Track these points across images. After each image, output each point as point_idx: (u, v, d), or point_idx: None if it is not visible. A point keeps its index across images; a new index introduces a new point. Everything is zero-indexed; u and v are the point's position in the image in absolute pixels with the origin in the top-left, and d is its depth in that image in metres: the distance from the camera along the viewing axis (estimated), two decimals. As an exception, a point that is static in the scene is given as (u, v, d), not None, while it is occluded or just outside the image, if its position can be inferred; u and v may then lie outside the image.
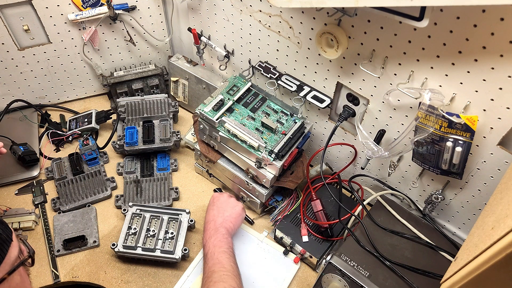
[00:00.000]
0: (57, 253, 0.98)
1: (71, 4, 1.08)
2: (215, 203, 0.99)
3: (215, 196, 1.01)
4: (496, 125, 0.72)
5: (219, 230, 0.92)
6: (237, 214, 0.97)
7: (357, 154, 1.02)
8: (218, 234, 0.91)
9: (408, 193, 0.99)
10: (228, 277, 0.81)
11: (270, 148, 0.93)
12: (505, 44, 0.63)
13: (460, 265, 0.55)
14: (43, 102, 1.27)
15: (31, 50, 1.14)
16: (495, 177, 0.80)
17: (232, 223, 0.95)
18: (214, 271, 0.83)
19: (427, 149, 0.82)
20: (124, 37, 1.20)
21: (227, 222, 0.94)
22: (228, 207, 0.98)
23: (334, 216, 0.99)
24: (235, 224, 0.96)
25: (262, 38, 1.00)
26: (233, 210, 0.97)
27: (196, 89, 1.23)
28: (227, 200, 0.99)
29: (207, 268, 0.85)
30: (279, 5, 0.77)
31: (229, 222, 0.95)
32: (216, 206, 0.98)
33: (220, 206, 0.98)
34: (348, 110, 0.95)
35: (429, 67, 0.74)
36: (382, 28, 0.76)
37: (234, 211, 0.97)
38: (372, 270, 0.82)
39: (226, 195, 1.01)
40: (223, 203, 0.98)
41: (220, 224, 0.93)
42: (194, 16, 1.13)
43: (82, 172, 1.11)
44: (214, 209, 0.97)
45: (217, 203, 0.98)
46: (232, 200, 1.00)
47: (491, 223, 0.53)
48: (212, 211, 0.97)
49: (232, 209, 0.97)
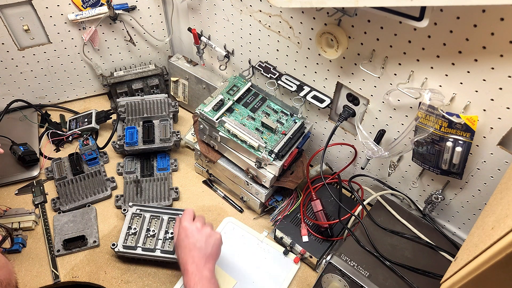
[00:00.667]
0: (57, 253, 0.98)
1: (71, 4, 1.08)
2: (189, 237, 0.84)
3: (186, 227, 0.86)
4: (496, 125, 0.72)
5: (204, 273, 0.80)
6: (218, 247, 0.87)
7: (357, 154, 1.02)
8: (204, 279, 0.80)
9: (408, 193, 0.99)
10: None
11: (270, 148, 0.93)
12: (505, 44, 0.63)
13: (460, 265, 0.55)
14: (43, 102, 1.27)
15: (31, 50, 1.14)
16: (495, 177, 0.80)
17: (215, 259, 0.85)
18: None
19: (427, 149, 0.82)
20: (124, 37, 1.20)
21: (210, 261, 0.83)
22: (208, 242, 0.85)
23: (334, 216, 0.99)
24: (216, 259, 0.86)
25: (262, 38, 1.00)
26: (214, 244, 0.85)
27: (196, 89, 1.23)
28: (203, 232, 0.85)
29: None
30: (279, 5, 0.77)
31: (211, 259, 0.84)
32: (192, 243, 0.84)
33: (198, 243, 0.84)
34: (348, 110, 0.95)
35: (429, 67, 0.74)
36: (382, 28, 0.76)
37: (215, 245, 0.86)
38: (372, 270, 0.82)
39: (200, 225, 0.87)
40: (201, 238, 0.84)
41: (203, 265, 0.81)
42: (194, 16, 1.13)
43: (82, 172, 1.11)
44: (191, 248, 0.83)
45: (193, 239, 0.84)
46: (208, 231, 0.86)
47: (491, 223, 0.53)
48: (189, 251, 0.83)
49: (212, 244, 0.85)
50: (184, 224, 0.86)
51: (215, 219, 1.07)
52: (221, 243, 0.89)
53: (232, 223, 1.06)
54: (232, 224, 1.06)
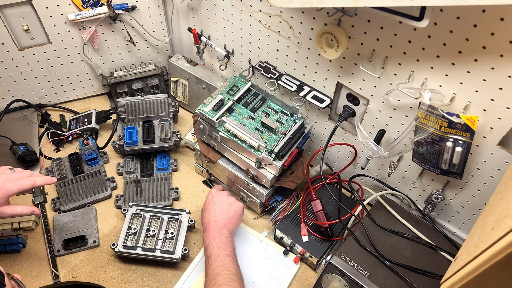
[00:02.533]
0: (57, 253, 0.98)
1: (71, 4, 1.08)
2: (215, 202, 0.96)
3: (214, 194, 0.98)
4: (496, 125, 0.72)
5: (223, 231, 0.90)
6: (239, 215, 0.96)
7: (357, 154, 1.02)
8: (222, 236, 0.89)
9: (408, 193, 0.99)
10: (233, 280, 0.80)
11: (270, 148, 0.93)
12: (505, 44, 0.63)
13: (460, 265, 0.55)
14: (43, 102, 1.27)
15: (31, 50, 1.14)
16: (495, 177, 0.80)
17: (234, 225, 0.94)
18: (218, 273, 0.81)
19: (427, 149, 0.82)
20: (124, 37, 1.20)
21: (229, 224, 0.92)
22: (231, 208, 0.95)
23: (334, 216, 0.99)
24: (236, 225, 0.95)
25: (262, 38, 1.00)
26: (235, 211, 0.96)
27: (196, 89, 1.23)
28: (227, 199, 0.97)
29: (211, 270, 0.83)
30: (279, 5, 0.77)
31: (231, 224, 0.93)
32: (217, 205, 0.95)
33: (221, 206, 0.95)
34: (348, 110, 0.95)
35: (429, 67, 0.74)
36: (382, 28, 0.76)
37: (236, 213, 0.96)
38: (372, 270, 0.82)
39: (225, 194, 0.99)
40: (224, 203, 0.96)
41: (223, 225, 0.91)
42: (194, 16, 1.13)
43: (82, 172, 1.11)
44: (215, 209, 0.94)
45: (218, 203, 0.96)
46: (233, 199, 0.98)
47: (491, 223, 0.53)
48: (213, 211, 0.94)
49: (234, 210, 0.95)
50: (213, 191, 0.99)
51: (215, 219, 1.07)
52: (242, 213, 0.98)
53: (232, 223, 1.06)
54: (232, 224, 1.06)
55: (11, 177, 0.83)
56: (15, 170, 0.87)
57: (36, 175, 0.87)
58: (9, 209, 0.83)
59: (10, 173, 0.85)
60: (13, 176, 0.84)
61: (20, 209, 0.84)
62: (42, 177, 0.87)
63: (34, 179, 0.85)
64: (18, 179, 0.83)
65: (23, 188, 0.83)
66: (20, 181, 0.83)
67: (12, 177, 0.83)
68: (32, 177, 0.85)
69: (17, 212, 0.84)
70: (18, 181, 0.83)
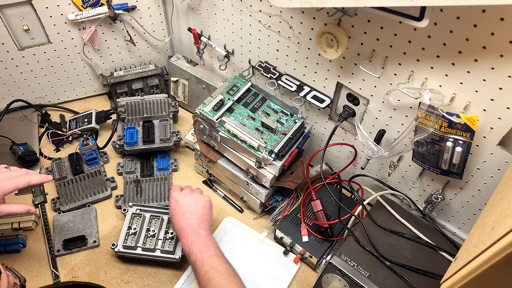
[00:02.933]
0: (57, 253, 0.98)
1: (71, 4, 1.08)
2: (181, 204, 0.91)
3: (176, 196, 0.93)
4: (496, 125, 0.72)
5: (199, 232, 0.85)
6: (208, 209, 0.92)
7: (357, 154, 1.02)
8: (200, 237, 0.84)
9: (408, 193, 0.99)
10: (226, 281, 0.77)
11: (270, 148, 0.93)
12: (505, 44, 0.63)
13: (460, 265, 0.55)
14: (43, 102, 1.27)
15: (31, 50, 1.14)
16: (495, 177, 0.80)
17: (208, 221, 0.90)
18: (210, 278, 0.77)
19: (427, 149, 0.82)
20: (124, 37, 1.20)
21: (203, 222, 0.88)
22: (198, 205, 0.91)
23: (334, 216, 0.99)
24: (209, 220, 0.91)
25: (262, 38, 1.00)
26: (204, 206, 0.91)
27: (196, 89, 1.23)
28: (192, 197, 0.92)
29: (201, 277, 0.78)
30: (279, 5, 0.77)
31: (205, 221, 0.89)
32: (184, 208, 0.90)
33: (188, 207, 0.90)
34: (348, 110, 0.95)
35: (429, 67, 0.74)
36: (382, 28, 0.76)
37: (206, 208, 0.91)
38: (372, 270, 0.82)
39: (188, 192, 0.94)
40: (190, 202, 0.91)
41: (197, 225, 0.86)
42: (194, 16, 1.13)
43: (82, 172, 1.11)
44: (184, 212, 0.89)
45: (184, 204, 0.90)
46: (197, 196, 0.93)
47: (491, 223, 0.53)
48: (182, 215, 0.89)
49: (202, 206, 0.91)
50: (173, 194, 0.93)
51: (215, 219, 1.07)
52: (211, 205, 0.94)
53: (232, 223, 1.06)
54: (232, 224, 1.06)
55: (6, 176, 0.83)
56: (10, 168, 0.87)
57: (31, 173, 0.87)
58: (5, 207, 0.82)
59: (6, 172, 0.84)
60: (9, 174, 0.84)
61: (16, 208, 0.83)
62: (38, 175, 0.87)
63: (30, 177, 0.84)
64: (14, 177, 0.83)
65: (18, 186, 0.82)
66: (16, 180, 0.83)
67: (8, 175, 0.83)
68: (27, 175, 0.85)
69: (13, 211, 0.83)
70: (14, 180, 0.82)
